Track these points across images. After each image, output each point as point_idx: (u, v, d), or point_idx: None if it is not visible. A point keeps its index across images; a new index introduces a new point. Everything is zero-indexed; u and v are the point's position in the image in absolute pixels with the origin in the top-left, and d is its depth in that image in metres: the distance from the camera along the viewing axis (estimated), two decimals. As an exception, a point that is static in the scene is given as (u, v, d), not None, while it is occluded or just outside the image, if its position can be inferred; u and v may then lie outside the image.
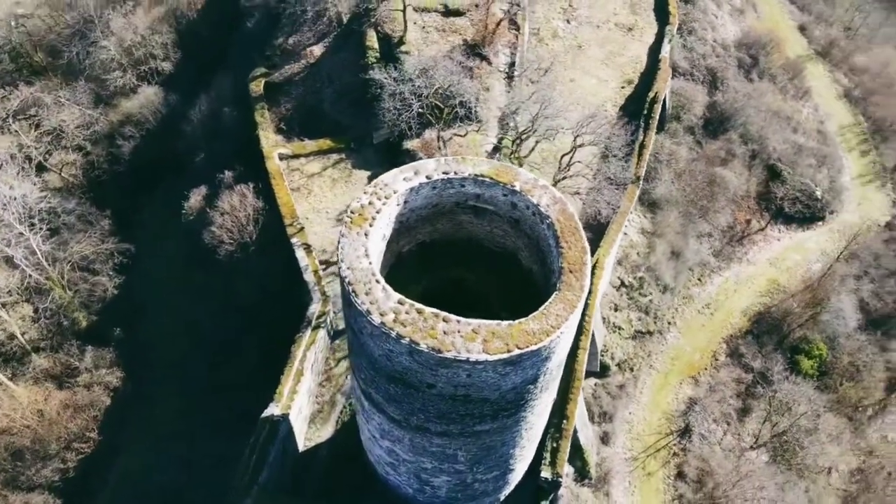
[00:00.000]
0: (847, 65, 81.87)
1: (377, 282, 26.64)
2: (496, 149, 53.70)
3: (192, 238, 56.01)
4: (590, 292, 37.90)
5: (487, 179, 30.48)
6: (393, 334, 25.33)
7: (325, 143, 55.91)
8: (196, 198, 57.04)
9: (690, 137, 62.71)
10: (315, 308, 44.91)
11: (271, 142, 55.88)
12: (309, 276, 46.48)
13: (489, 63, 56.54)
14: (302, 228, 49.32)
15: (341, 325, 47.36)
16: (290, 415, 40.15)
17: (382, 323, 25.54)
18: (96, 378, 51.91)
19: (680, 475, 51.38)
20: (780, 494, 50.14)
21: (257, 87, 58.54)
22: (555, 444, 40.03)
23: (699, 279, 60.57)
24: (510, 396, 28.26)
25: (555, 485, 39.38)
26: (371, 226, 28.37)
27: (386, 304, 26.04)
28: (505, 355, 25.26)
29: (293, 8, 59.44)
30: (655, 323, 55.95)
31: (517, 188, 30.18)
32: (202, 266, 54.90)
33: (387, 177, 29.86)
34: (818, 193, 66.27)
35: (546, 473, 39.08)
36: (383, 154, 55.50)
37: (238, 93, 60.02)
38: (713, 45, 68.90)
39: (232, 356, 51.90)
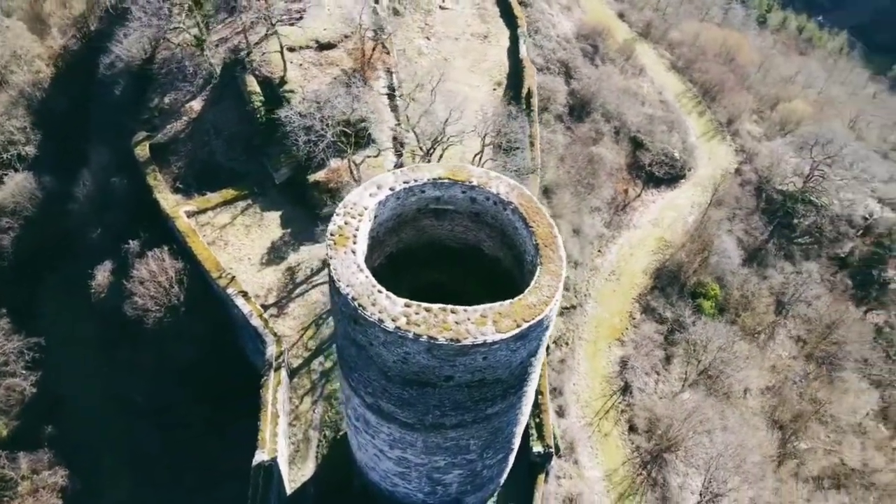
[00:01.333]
0: (665, 41, 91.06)
1: (379, 291, 27.43)
2: (399, 165, 55.37)
3: (106, 315, 53.46)
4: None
5: (445, 181, 32.11)
6: (410, 335, 26.23)
7: (228, 192, 55.12)
8: (103, 274, 54.29)
9: (561, 125, 67.56)
10: (271, 350, 44.40)
11: (172, 202, 54.32)
12: (256, 321, 45.84)
13: (370, 88, 58.11)
14: (233, 278, 48.50)
15: (295, 364, 47.14)
16: (277, 458, 39.53)
17: (397, 328, 26.37)
18: (40, 482, 47.85)
19: (632, 428, 54.98)
20: (721, 422, 55.00)
21: (143, 150, 56.62)
22: (537, 420, 42.12)
23: (599, 250, 65.15)
24: (517, 372, 29.93)
25: (548, 456, 41.44)
26: (355, 243, 29.10)
27: (395, 310, 26.90)
28: (516, 331, 26.89)
29: (164, 69, 58.20)
30: (576, 297, 59.71)
31: (474, 183, 32.08)
32: (125, 340, 52.53)
33: (353, 196, 30.73)
34: (676, 155, 73.30)
35: (538, 448, 41.07)
36: (288, 192, 55.65)
37: (122, 161, 57.73)
38: (558, 41, 74.60)
39: (179, 422, 50.14)
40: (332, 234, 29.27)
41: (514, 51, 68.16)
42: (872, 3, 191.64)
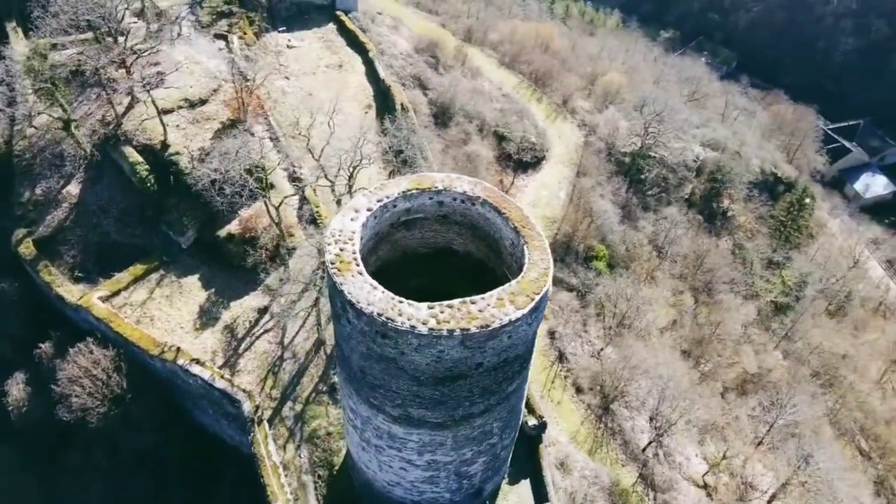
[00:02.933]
0: (488, 42, 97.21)
1: (400, 302, 28.48)
2: (303, 199, 55.55)
3: (33, 429, 48.99)
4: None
5: (413, 191, 33.60)
6: (444, 333, 27.58)
7: (138, 268, 52.29)
8: (17, 388, 49.56)
9: (432, 132, 70.46)
10: (247, 406, 43.12)
11: (78, 292, 50.63)
12: (221, 384, 44.20)
13: (252, 135, 57.60)
14: (178, 349, 46.34)
15: (266, 416, 46.02)
16: (289, 509, 38.72)
17: (430, 329, 27.61)
18: None
19: (578, 390, 58.65)
20: (646, 362, 60.15)
21: (27, 248, 52.13)
22: (522, 395, 44.28)
23: (497, 239, 68.66)
24: (530, 344, 32.11)
25: (542, 426, 43.78)
26: (358, 265, 29.84)
27: (421, 314, 28.09)
28: (531, 304, 29.06)
29: (28, 159, 53.96)
30: (494, 285, 62.64)
31: (440, 188, 33.84)
32: (65, 448, 48.41)
33: (336, 224, 31.36)
34: (534, 139, 78.83)
35: (532, 421, 43.31)
36: (200, 253, 53.90)
37: (4, 264, 52.74)
38: (402, 58, 77.59)
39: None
40: (332, 263, 29.79)
41: (372, 74, 70.17)
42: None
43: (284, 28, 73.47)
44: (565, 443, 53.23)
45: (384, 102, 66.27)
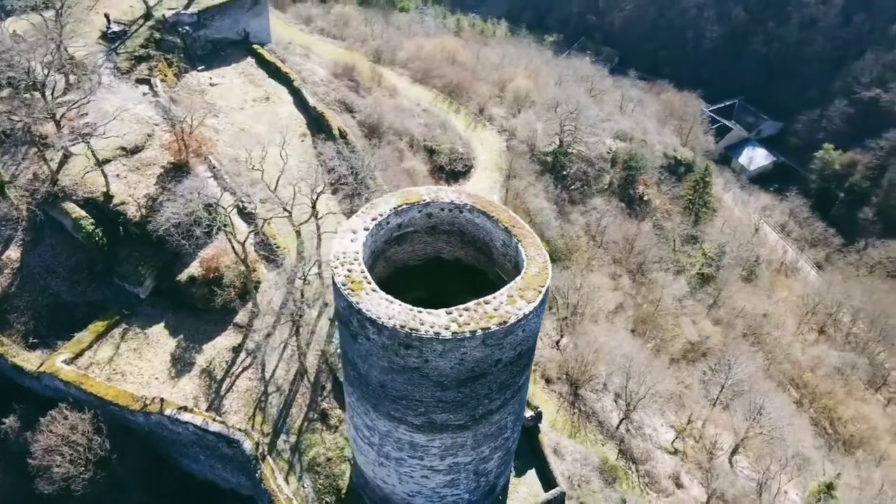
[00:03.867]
0: (397, 61, 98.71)
1: (419, 312, 29.26)
2: (258, 232, 55.03)
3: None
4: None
5: (403, 206, 34.43)
6: (467, 335, 28.59)
7: (98, 326, 50.23)
8: (-14, 469, 46.48)
9: (368, 153, 70.96)
10: (248, 444, 42.38)
11: (37, 360, 48.17)
12: (216, 426, 43.15)
13: (197, 175, 56.51)
14: (163, 400, 44.87)
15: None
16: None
17: (454, 333, 28.55)
18: None
19: (548, 381, 60.58)
20: (610, 345, 62.65)
21: (-27, 321, 49.12)
22: (513, 390, 45.57)
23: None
24: (535, 337, 33.52)
25: (538, 416, 45.21)
26: (369, 282, 30.35)
27: (442, 320, 28.98)
28: (539, 297, 30.55)
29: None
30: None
31: (428, 200, 34.81)
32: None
33: (338, 248, 31.74)
34: (461, 149, 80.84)
35: (529, 412, 44.69)
36: (161, 300, 52.38)
37: (-52, 342, 49.37)
38: (324, 84, 77.79)
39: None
40: (344, 285, 30.16)
41: (300, 102, 70.04)
42: (503, 3, 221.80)
43: (203, 66, 72.20)
44: (547, 431, 54.95)
45: (319, 129, 66.35)
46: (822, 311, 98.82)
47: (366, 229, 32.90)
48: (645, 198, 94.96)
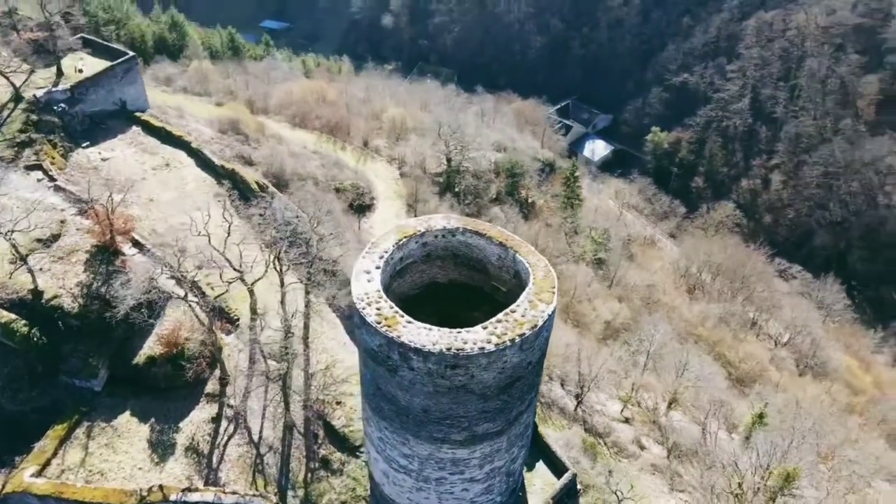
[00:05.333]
0: (271, 109, 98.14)
1: (459, 332, 30.83)
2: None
3: None
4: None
5: (403, 240, 35.68)
6: (508, 343, 30.57)
7: (58, 430, 46.23)
8: None
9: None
10: (269, 507, 41.26)
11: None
12: (230, 498, 41.55)
13: (124, 254, 53.80)
14: (161, 486, 42.51)
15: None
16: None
17: (496, 345, 30.42)
18: None
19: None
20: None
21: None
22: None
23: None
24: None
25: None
26: (402, 316, 31.38)
27: (481, 335, 30.76)
28: (555, 297, 33.21)
29: None
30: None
31: (422, 230, 36.32)
32: None
33: (359, 291, 32.54)
34: (360, 184, 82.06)
35: (523, 409, 46.85)
36: (121, 389, 49.36)
37: None
38: (216, 141, 76.08)
39: None
40: (379, 323, 30.98)
41: (203, 163, 68.04)
42: (337, 34, 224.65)
43: (88, 143, 68.05)
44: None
45: (234, 186, 64.95)
46: (692, 272, 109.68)
47: (377, 268, 33.89)
48: (529, 200, 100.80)
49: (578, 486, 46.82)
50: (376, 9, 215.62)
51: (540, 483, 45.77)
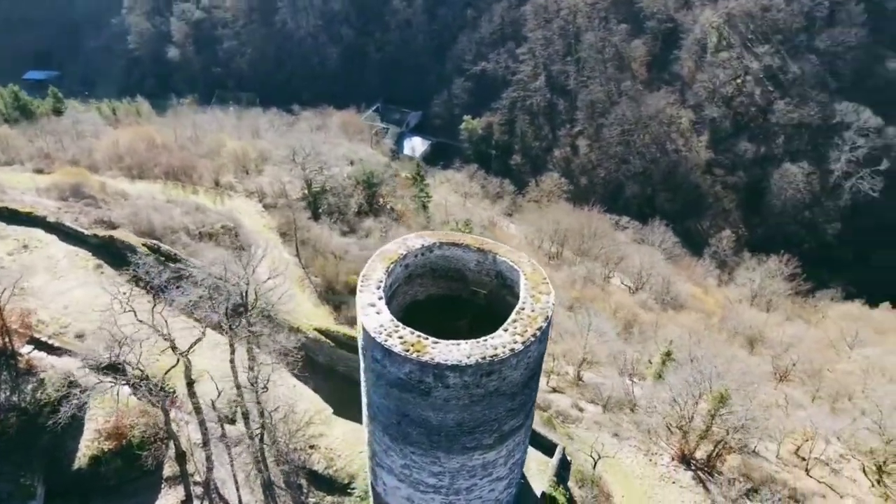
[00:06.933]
0: (99, 165, 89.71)
1: (485, 340, 31.62)
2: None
3: None
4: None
5: (389, 266, 35.45)
6: (531, 339, 31.92)
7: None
8: None
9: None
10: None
11: None
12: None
13: (21, 355, 47.40)
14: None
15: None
16: None
17: (523, 342, 31.65)
18: None
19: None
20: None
21: None
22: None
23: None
24: (540, 326, 37.69)
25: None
26: (426, 338, 31.40)
27: (504, 337, 31.68)
28: (550, 285, 35.02)
29: None
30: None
31: (404, 253, 36.34)
32: None
33: (372, 325, 31.95)
34: (229, 224, 78.15)
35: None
36: (65, 497, 43.75)
37: None
38: (63, 211, 68.49)
39: None
40: (408, 351, 30.82)
41: (69, 235, 60.73)
42: (117, 75, 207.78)
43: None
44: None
45: (114, 254, 59.05)
46: (546, 245, 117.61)
47: (380, 298, 33.53)
48: (389, 206, 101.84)
49: (568, 458, 49.41)
50: (157, 42, 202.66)
51: (535, 465, 47.71)
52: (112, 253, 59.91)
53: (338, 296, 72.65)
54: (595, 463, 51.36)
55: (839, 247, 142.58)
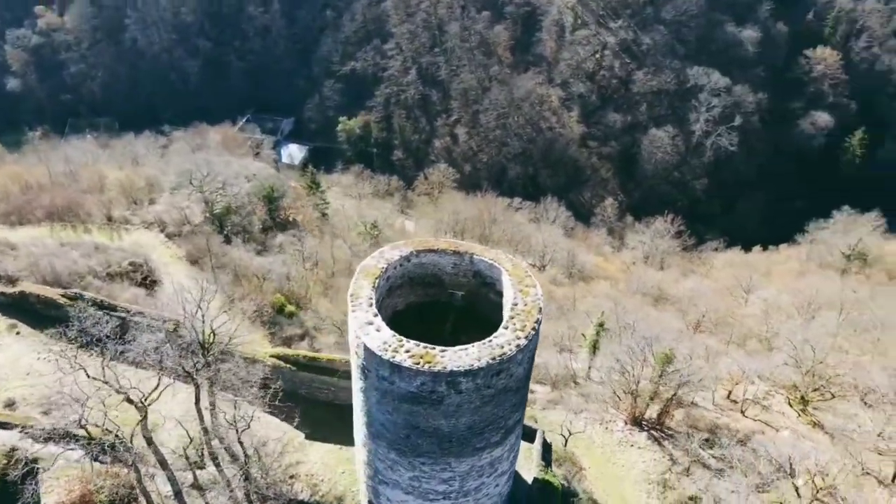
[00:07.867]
0: None
1: (490, 340, 32.08)
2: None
3: None
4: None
5: (376, 281, 34.88)
6: (531, 332, 32.75)
7: None
8: None
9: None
10: None
11: None
12: None
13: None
14: None
15: None
16: None
17: (525, 336, 32.40)
18: None
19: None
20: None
21: None
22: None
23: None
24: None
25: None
26: (433, 348, 31.37)
27: (507, 334, 32.42)
28: (535, 279, 35.91)
29: None
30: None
31: (384, 266, 35.85)
32: None
33: (377, 341, 31.57)
34: (137, 260, 73.40)
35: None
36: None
37: None
38: None
39: None
40: (418, 364, 30.64)
41: None
42: None
43: None
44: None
45: (27, 310, 53.72)
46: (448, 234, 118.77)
47: (375, 315, 33.03)
48: (293, 219, 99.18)
49: (548, 441, 50.74)
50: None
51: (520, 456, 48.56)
52: (25, 310, 54.56)
53: (267, 317, 70.20)
54: (566, 440, 53.18)
55: (707, 201, 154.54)
